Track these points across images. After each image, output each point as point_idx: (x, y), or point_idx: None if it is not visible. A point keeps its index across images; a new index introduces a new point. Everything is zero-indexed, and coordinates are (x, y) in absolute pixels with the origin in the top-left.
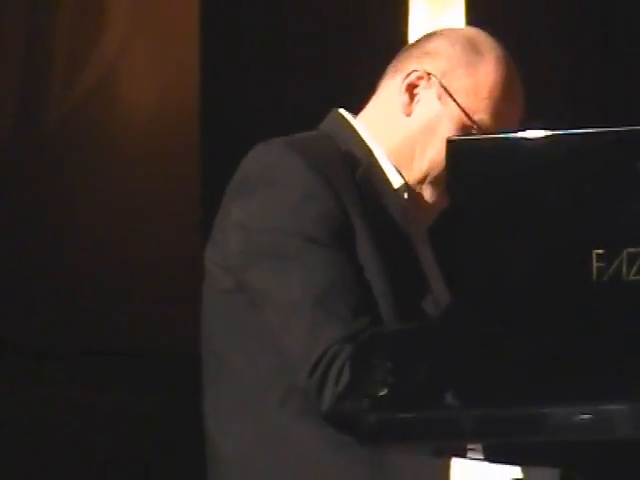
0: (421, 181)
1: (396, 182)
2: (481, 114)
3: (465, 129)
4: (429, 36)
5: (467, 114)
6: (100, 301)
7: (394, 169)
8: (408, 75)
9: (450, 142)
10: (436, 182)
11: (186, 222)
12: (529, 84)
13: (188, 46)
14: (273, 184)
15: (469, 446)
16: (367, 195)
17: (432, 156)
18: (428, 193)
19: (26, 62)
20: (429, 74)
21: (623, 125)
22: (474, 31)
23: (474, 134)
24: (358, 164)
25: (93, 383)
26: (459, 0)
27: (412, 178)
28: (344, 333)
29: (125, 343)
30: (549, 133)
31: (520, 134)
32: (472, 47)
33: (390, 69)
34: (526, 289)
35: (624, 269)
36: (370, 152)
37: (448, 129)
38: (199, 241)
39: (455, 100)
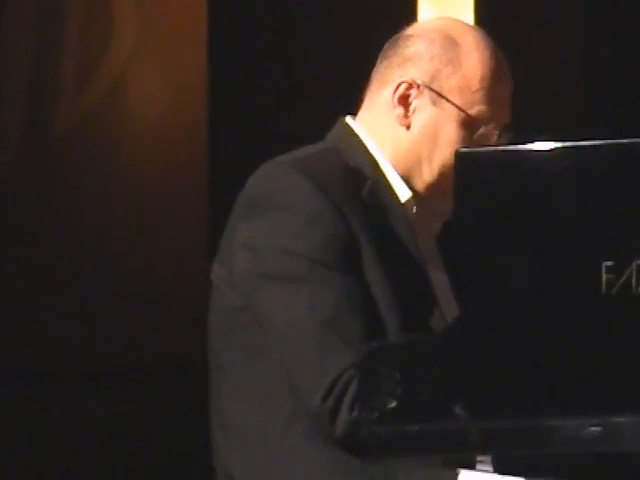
0: (433, 187)
1: (403, 195)
2: (477, 106)
3: (466, 124)
4: (403, 39)
5: (464, 110)
6: (106, 311)
7: (402, 181)
8: (397, 87)
9: (458, 154)
10: (447, 188)
11: (194, 232)
12: (537, 86)
13: (196, 56)
14: (281, 207)
15: (478, 458)
16: (374, 212)
17: (440, 161)
18: (440, 200)
19: (35, 72)
20: (418, 82)
21: (632, 133)
22: (444, 21)
23: (482, 145)
24: (365, 180)
25: (97, 397)
26: (468, 3)
27: (423, 185)
28: (355, 359)
29: (129, 357)
30: (557, 145)
31: (528, 146)
32: (449, 41)
33: (374, 79)
34: (535, 301)
35: (634, 281)
36: (377, 165)
37: (450, 130)
38: (206, 252)
39: (450, 101)
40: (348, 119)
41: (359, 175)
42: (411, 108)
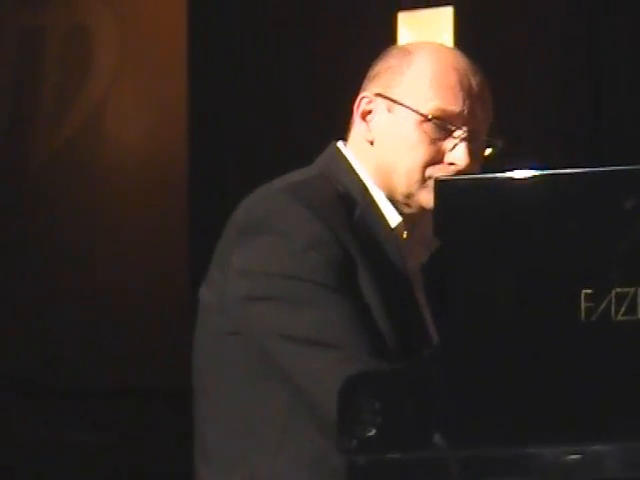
0: (409, 197)
1: (393, 220)
2: (430, 102)
3: (423, 126)
4: (374, 63)
5: (417, 110)
6: (87, 338)
7: (391, 205)
8: (359, 104)
9: (437, 182)
10: (424, 200)
11: (174, 258)
12: (515, 114)
13: (176, 84)
14: (277, 233)
15: None
16: (365, 239)
17: (405, 167)
18: (423, 221)
19: (14, 101)
20: (375, 94)
21: (611, 159)
22: (412, 42)
23: (462, 174)
24: (355, 206)
25: (83, 422)
26: (447, 29)
27: (402, 198)
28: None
29: (113, 382)
30: (537, 173)
31: (508, 174)
32: (403, 52)
33: (355, 105)
34: (514, 329)
35: (612, 309)
36: (367, 191)
37: (407, 133)
38: (187, 276)
39: (401, 103)
40: (339, 144)
41: (349, 201)
42: (369, 118)
